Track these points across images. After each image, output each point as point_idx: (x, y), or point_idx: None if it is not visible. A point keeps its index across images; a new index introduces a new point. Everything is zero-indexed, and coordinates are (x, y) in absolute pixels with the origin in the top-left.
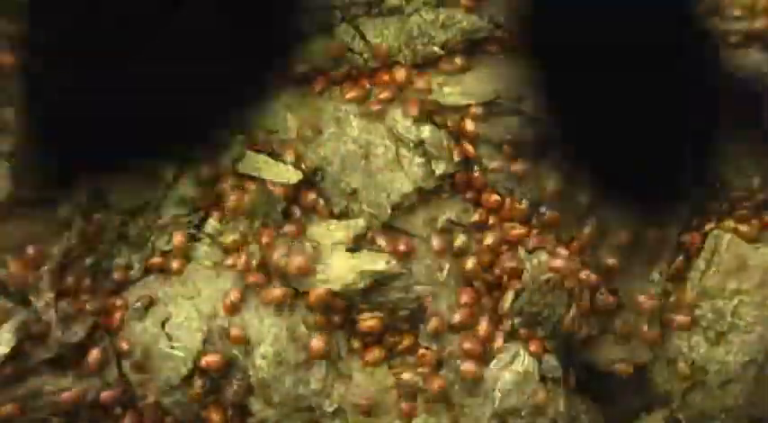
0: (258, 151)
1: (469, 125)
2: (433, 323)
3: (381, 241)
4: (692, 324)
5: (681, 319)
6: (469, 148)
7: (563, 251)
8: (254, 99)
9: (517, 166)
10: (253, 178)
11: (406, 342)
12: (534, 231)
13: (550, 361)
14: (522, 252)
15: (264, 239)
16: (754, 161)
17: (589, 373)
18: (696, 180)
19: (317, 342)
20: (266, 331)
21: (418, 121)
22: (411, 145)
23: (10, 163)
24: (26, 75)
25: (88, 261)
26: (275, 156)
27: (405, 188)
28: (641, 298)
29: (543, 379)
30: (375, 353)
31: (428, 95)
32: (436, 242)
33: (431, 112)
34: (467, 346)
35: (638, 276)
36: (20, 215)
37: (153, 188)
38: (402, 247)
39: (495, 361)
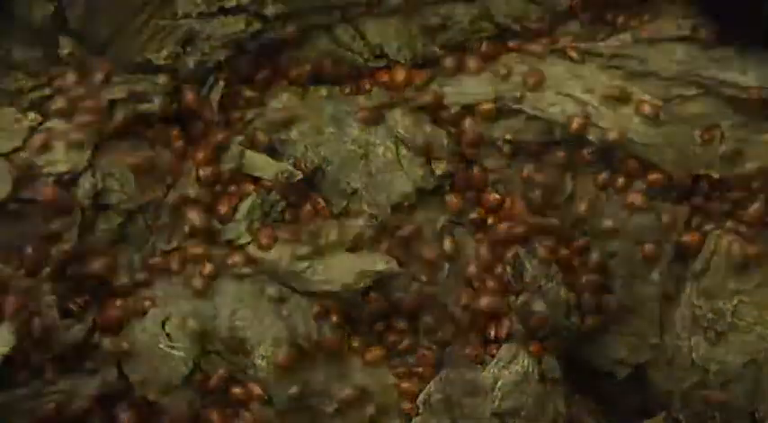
0: (258, 151)
1: (470, 125)
2: (434, 323)
3: (381, 241)
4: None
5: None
6: (470, 148)
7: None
8: None
9: (517, 166)
10: (253, 178)
11: (407, 342)
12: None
13: (550, 361)
14: (521, 252)
15: (264, 240)
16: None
17: (589, 373)
18: None
19: (329, 336)
20: (266, 331)
21: (418, 121)
22: (411, 145)
23: None
24: None
25: (88, 261)
26: (275, 156)
27: (405, 188)
28: None
29: (543, 379)
30: (375, 352)
31: (428, 95)
32: (436, 242)
33: (431, 112)
34: (467, 346)
35: (639, 277)
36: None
37: None
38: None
39: (495, 361)
